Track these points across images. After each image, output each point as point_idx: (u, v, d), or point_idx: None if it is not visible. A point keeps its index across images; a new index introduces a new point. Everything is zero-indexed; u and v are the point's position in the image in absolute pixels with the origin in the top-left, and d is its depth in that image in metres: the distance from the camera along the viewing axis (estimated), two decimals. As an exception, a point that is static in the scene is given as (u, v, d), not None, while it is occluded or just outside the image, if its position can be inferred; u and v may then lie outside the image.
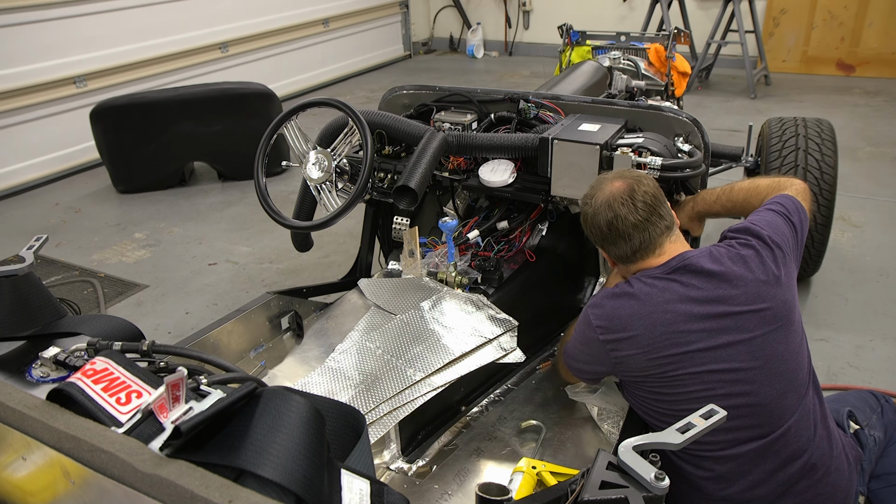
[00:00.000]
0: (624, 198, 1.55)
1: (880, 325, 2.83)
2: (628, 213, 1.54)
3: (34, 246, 1.41)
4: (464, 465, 1.82)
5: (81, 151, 4.95)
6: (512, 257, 2.28)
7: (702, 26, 6.64)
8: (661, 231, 1.56)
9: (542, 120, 2.28)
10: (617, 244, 1.57)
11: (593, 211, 1.60)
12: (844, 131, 4.76)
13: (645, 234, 1.54)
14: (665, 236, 1.57)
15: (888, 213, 3.83)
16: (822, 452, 1.50)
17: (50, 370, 1.14)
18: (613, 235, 1.56)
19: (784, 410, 1.46)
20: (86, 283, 3.42)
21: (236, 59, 6.19)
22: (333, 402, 1.00)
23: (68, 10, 4.76)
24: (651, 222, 1.54)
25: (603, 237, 1.60)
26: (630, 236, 1.54)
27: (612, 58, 3.61)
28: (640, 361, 1.53)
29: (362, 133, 2.00)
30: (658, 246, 1.56)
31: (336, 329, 2.11)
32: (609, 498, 0.99)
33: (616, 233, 1.56)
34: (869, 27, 6.52)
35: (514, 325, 1.96)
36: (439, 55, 8.83)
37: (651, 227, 1.55)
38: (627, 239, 1.55)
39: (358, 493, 0.90)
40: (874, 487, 1.68)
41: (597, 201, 1.59)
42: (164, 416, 0.84)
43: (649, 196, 1.56)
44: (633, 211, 1.54)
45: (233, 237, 3.91)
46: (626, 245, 1.56)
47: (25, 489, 0.94)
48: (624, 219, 1.54)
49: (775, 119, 2.97)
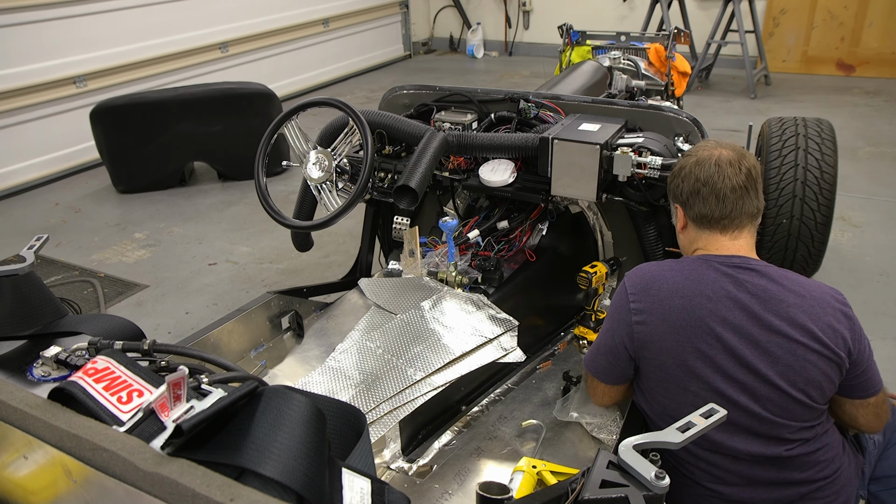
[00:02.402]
0: (732, 160, 1.51)
1: (880, 325, 2.83)
2: (733, 174, 1.49)
3: (35, 246, 1.41)
4: (464, 464, 1.82)
5: (81, 151, 4.95)
6: (512, 257, 2.28)
7: (702, 26, 6.64)
8: (752, 210, 1.52)
9: (543, 120, 2.29)
10: (707, 201, 1.51)
11: (695, 162, 1.54)
12: (844, 131, 4.77)
13: (738, 204, 1.49)
14: (750, 220, 1.53)
15: (888, 213, 3.83)
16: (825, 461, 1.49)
17: (51, 369, 1.14)
18: (708, 190, 1.50)
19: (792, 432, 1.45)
20: (86, 283, 3.43)
21: (236, 59, 6.19)
22: (334, 402, 1.00)
23: (68, 10, 4.77)
24: (748, 193, 1.50)
25: (695, 191, 1.53)
26: (725, 198, 1.49)
27: (612, 58, 3.62)
28: (665, 341, 1.46)
29: (362, 133, 2.00)
30: (740, 226, 1.52)
31: (336, 329, 2.11)
32: (609, 497, 0.99)
33: (712, 188, 1.50)
34: (869, 27, 6.52)
35: (515, 324, 1.96)
36: (439, 55, 8.83)
37: (746, 199, 1.50)
38: (721, 199, 1.49)
39: (359, 492, 0.90)
40: (874, 490, 1.68)
41: (702, 155, 1.54)
42: (166, 414, 0.84)
43: (755, 169, 1.53)
44: (738, 173, 1.50)
45: (233, 237, 3.91)
46: (717, 206, 1.50)
47: (27, 488, 0.94)
48: (728, 178, 1.49)
49: (775, 119, 2.97)
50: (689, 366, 1.46)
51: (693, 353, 1.45)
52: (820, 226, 2.70)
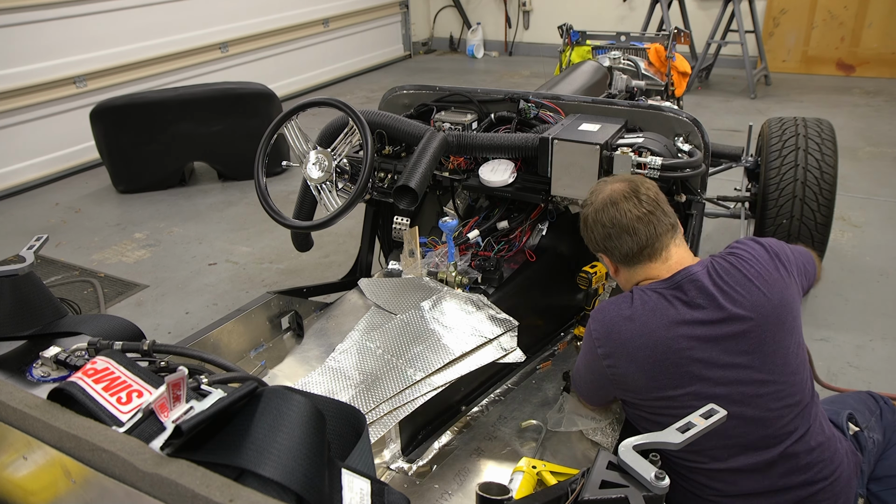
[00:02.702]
0: (627, 193, 1.54)
1: (880, 325, 2.83)
2: (632, 207, 1.52)
3: (34, 246, 1.41)
4: (464, 464, 1.82)
5: (81, 151, 4.95)
6: (512, 257, 2.28)
7: (702, 26, 6.64)
8: (667, 228, 1.54)
9: (543, 120, 2.29)
10: (621, 240, 1.54)
11: (594, 209, 1.58)
12: (844, 131, 4.77)
13: (650, 229, 1.52)
14: (669, 236, 1.54)
15: (888, 213, 3.83)
16: (823, 461, 1.49)
17: (51, 370, 1.14)
18: (617, 230, 1.53)
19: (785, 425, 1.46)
20: (86, 283, 3.42)
21: (236, 59, 6.19)
22: (334, 402, 1.00)
23: (68, 10, 4.77)
24: (655, 216, 1.52)
25: (606, 235, 1.56)
26: (635, 230, 1.52)
27: (612, 58, 3.62)
28: (638, 381, 1.50)
29: (362, 133, 2.00)
30: (664, 247, 1.53)
31: (336, 329, 2.11)
32: (609, 497, 0.99)
33: (620, 227, 1.53)
34: (869, 27, 6.52)
35: (515, 324, 1.96)
36: (439, 55, 8.83)
37: (656, 222, 1.52)
38: (632, 233, 1.52)
39: (358, 493, 0.90)
40: (874, 490, 1.68)
41: (598, 200, 1.58)
42: (165, 415, 0.84)
43: (652, 192, 1.55)
44: (638, 205, 1.52)
45: (233, 237, 3.91)
46: (632, 240, 1.53)
47: (26, 488, 0.94)
48: (628, 212, 1.52)
49: (775, 119, 2.97)
50: (667, 396, 1.48)
51: (667, 385, 1.47)
52: (820, 226, 2.70)
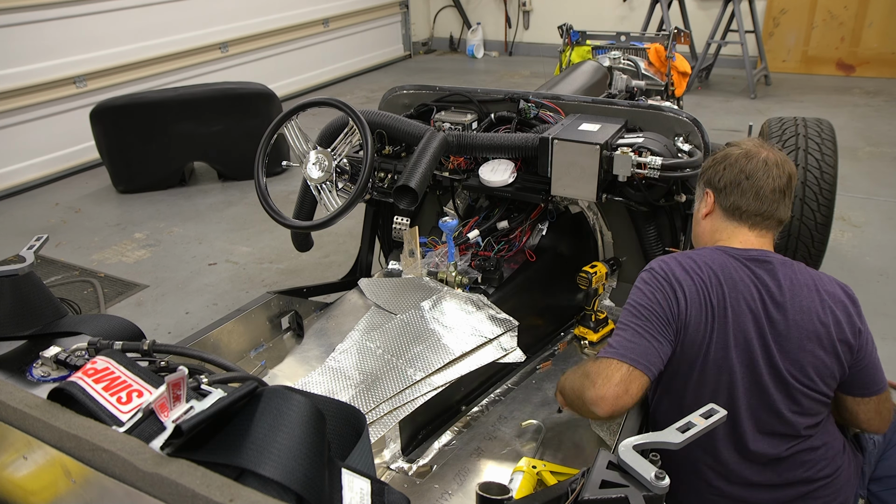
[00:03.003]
0: (778, 162, 1.53)
1: (880, 325, 2.83)
2: (778, 176, 1.51)
3: (34, 246, 1.41)
4: (464, 464, 1.82)
5: (81, 151, 4.95)
6: (512, 257, 2.28)
7: (702, 26, 6.64)
8: (782, 217, 1.54)
9: (543, 120, 2.29)
10: (746, 195, 1.51)
11: (744, 154, 1.54)
12: (844, 131, 4.76)
13: (774, 206, 1.51)
14: (778, 225, 1.55)
15: (888, 213, 3.83)
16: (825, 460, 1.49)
17: (51, 369, 1.13)
18: (749, 184, 1.51)
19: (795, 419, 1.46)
20: (86, 283, 3.42)
21: (236, 59, 6.19)
22: (334, 402, 1.00)
23: (68, 10, 4.76)
24: (784, 199, 1.52)
25: (736, 181, 1.52)
26: (764, 196, 1.50)
27: (612, 58, 3.62)
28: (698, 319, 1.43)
29: (362, 133, 2.00)
30: (768, 228, 1.53)
31: (336, 329, 2.11)
32: (609, 497, 0.99)
33: (754, 183, 1.51)
34: (869, 27, 6.52)
35: (515, 324, 1.96)
36: (439, 55, 8.83)
37: (781, 204, 1.52)
38: (760, 197, 1.50)
39: (359, 493, 0.90)
40: (875, 490, 1.68)
41: (751, 149, 1.55)
42: (165, 415, 0.84)
43: (794, 178, 1.55)
44: (782, 176, 1.51)
45: (233, 237, 3.91)
46: (754, 202, 1.51)
47: (26, 488, 0.94)
48: (772, 178, 1.50)
49: (775, 119, 2.97)
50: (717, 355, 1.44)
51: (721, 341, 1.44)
52: (820, 226, 2.70)
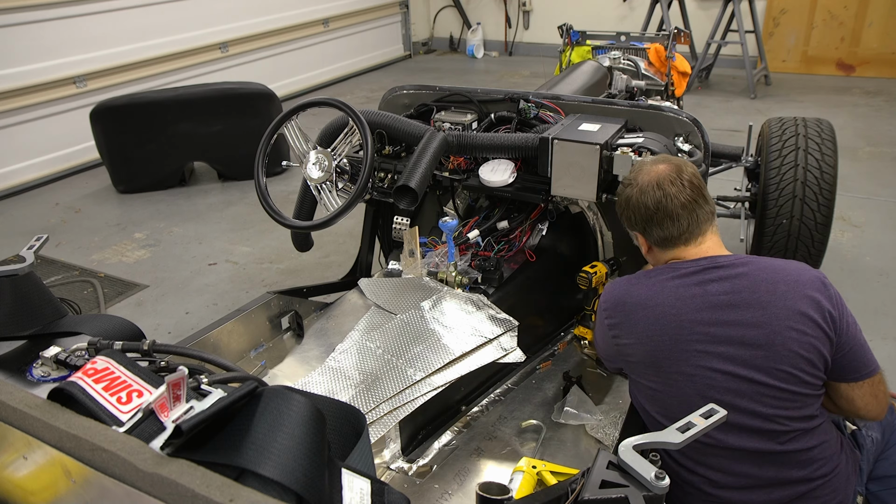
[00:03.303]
0: (672, 177, 1.53)
1: (880, 325, 2.83)
2: (678, 192, 1.51)
3: (34, 246, 1.41)
4: (464, 464, 1.82)
5: (81, 151, 4.95)
6: (512, 257, 2.28)
7: (702, 26, 6.64)
8: (707, 216, 1.54)
9: (542, 120, 2.29)
10: (663, 225, 1.53)
11: (638, 191, 1.56)
12: (844, 131, 4.77)
13: (693, 216, 1.52)
14: (709, 223, 1.55)
15: (888, 213, 3.83)
16: (822, 459, 1.49)
17: (51, 369, 1.13)
18: (661, 216, 1.53)
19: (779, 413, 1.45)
20: (86, 283, 3.43)
21: (236, 59, 6.19)
22: (334, 402, 1.00)
23: (68, 10, 4.77)
24: (698, 203, 1.53)
25: (647, 218, 1.55)
26: (678, 217, 1.52)
27: (612, 58, 3.62)
28: (637, 353, 1.52)
29: (362, 133, 2.00)
30: (702, 233, 1.54)
31: (336, 329, 2.11)
32: (609, 497, 0.99)
33: (664, 212, 1.52)
34: (869, 27, 6.52)
35: (515, 324, 1.96)
36: (439, 55, 8.83)
37: (698, 209, 1.53)
38: (675, 220, 1.52)
39: (358, 493, 0.90)
40: (873, 489, 1.67)
41: (642, 181, 1.56)
42: (165, 415, 0.84)
43: (696, 178, 1.55)
44: (682, 190, 1.51)
45: (233, 237, 3.91)
46: (674, 226, 1.52)
47: (26, 488, 0.94)
48: (674, 197, 1.51)
49: (775, 119, 2.97)
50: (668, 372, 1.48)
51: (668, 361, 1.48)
52: (820, 226, 2.70)
